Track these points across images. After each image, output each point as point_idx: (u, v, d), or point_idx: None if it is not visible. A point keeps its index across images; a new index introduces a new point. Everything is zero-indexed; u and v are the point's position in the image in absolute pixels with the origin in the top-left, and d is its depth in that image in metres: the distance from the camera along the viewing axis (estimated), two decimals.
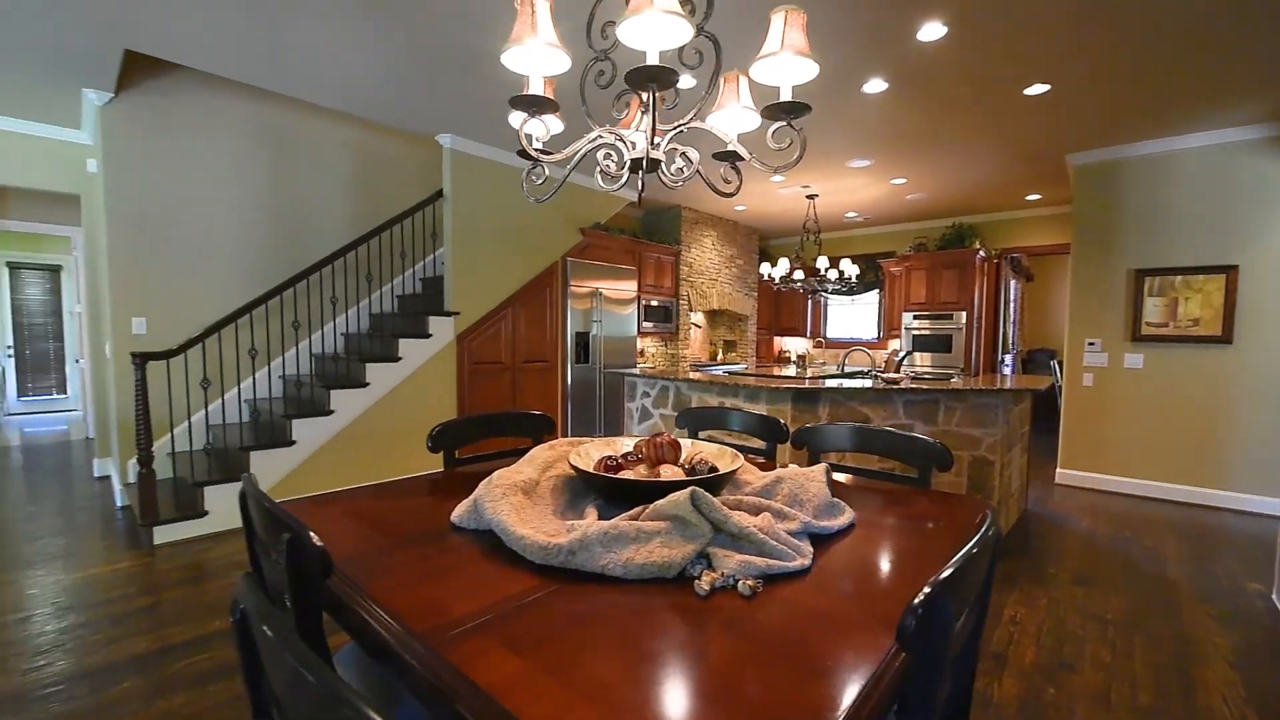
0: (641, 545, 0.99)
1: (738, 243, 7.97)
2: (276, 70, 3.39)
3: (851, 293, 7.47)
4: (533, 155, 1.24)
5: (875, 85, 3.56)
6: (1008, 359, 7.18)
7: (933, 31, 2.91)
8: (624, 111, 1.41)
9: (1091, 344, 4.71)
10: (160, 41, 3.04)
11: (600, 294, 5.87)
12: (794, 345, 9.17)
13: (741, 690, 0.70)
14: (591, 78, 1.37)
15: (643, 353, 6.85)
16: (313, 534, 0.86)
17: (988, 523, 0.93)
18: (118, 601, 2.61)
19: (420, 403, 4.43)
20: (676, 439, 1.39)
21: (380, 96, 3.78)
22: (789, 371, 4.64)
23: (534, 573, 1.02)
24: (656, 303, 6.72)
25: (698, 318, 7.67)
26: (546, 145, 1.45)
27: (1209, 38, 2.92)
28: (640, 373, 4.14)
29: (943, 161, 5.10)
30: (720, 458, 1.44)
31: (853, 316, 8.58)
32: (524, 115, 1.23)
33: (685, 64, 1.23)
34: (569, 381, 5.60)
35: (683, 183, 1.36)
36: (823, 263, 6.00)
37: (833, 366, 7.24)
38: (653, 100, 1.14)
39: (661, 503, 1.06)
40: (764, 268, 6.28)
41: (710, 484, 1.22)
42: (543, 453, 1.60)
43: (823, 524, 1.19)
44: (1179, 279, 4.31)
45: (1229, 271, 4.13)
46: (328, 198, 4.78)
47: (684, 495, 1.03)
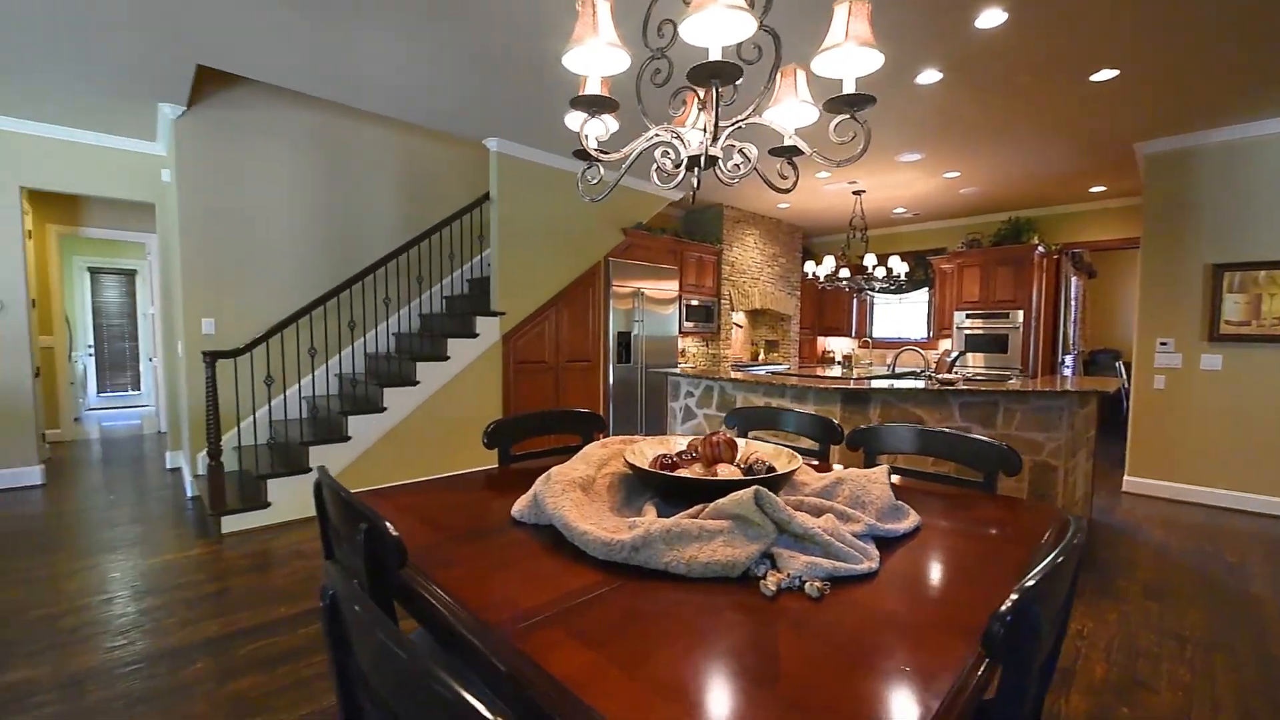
0: (704, 544, 0.98)
1: (780, 241, 7.86)
2: (335, 80, 3.52)
3: (900, 291, 7.26)
4: (592, 155, 1.25)
5: (929, 76, 3.45)
6: (1068, 360, 6.84)
7: (992, 18, 2.80)
8: (680, 109, 1.41)
9: (1163, 344, 4.44)
10: (229, 56, 3.21)
11: (642, 294, 5.88)
12: (838, 345, 8.98)
13: (821, 695, 0.69)
14: (648, 76, 1.37)
15: (684, 352, 6.83)
16: (389, 524, 0.89)
17: (1073, 530, 0.89)
18: (189, 586, 2.76)
19: (467, 401, 4.53)
20: (732, 438, 1.38)
21: (432, 103, 3.89)
22: (833, 372, 4.54)
23: (596, 568, 1.02)
24: (697, 302, 6.69)
25: (739, 317, 7.60)
26: (600, 146, 1.45)
27: None
28: (684, 372, 4.13)
29: (999, 154, 4.90)
30: (776, 457, 1.42)
31: (900, 316, 8.34)
32: (584, 115, 1.24)
33: (744, 59, 1.22)
34: (611, 381, 5.63)
35: (739, 179, 1.35)
36: (870, 260, 5.85)
37: (880, 367, 7.06)
38: (715, 96, 1.13)
39: (723, 501, 1.05)
40: (808, 266, 6.17)
41: (769, 484, 1.20)
42: (596, 450, 1.61)
43: (887, 527, 1.16)
44: (1263, 274, 4.02)
45: None
46: (378, 201, 4.94)
47: (747, 495, 1.02)
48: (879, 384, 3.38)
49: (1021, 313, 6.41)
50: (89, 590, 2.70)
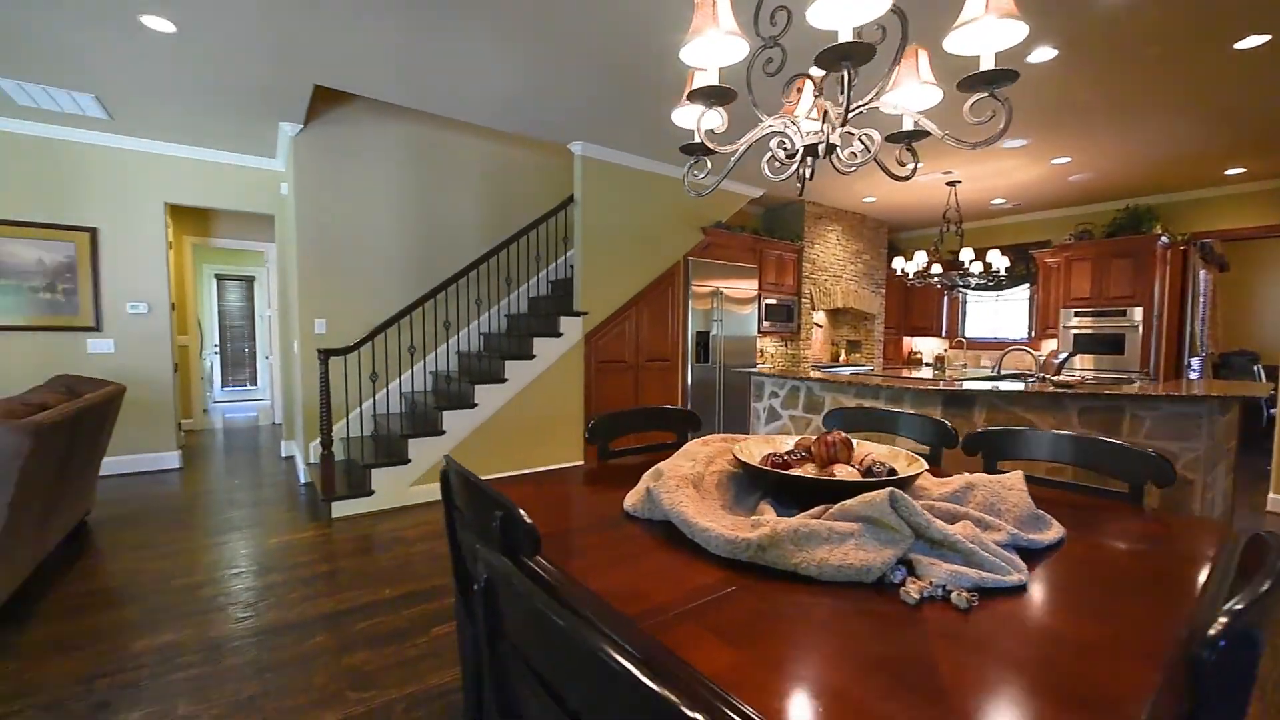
0: (835, 546, 0.94)
1: (864, 237, 7.54)
2: (435, 93, 3.72)
3: (998, 287, 6.80)
4: (708, 148, 1.24)
5: (1042, 54, 3.19)
6: (1194, 363, 6.13)
7: None
8: (793, 98, 1.37)
9: None
10: (343, 75, 3.45)
11: (721, 293, 5.81)
12: (926, 346, 8.51)
13: (995, 714, 0.64)
14: (759, 66, 1.34)
15: (762, 353, 6.70)
16: (522, 512, 0.91)
17: (1276, 553, 0.78)
18: (305, 566, 2.98)
19: (551, 398, 4.65)
20: (848, 438, 1.32)
21: (523, 111, 4.03)
22: (922, 374, 4.30)
23: (718, 565, 1.00)
24: (776, 301, 6.54)
25: (819, 317, 7.36)
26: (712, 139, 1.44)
27: None
28: (770, 371, 4.04)
29: (1118, 136, 4.47)
30: (894, 459, 1.35)
31: (995, 315, 7.79)
32: (700, 109, 1.23)
33: (868, 41, 1.16)
34: (689, 381, 5.60)
35: (856, 168, 1.29)
36: (966, 254, 5.50)
37: (974, 370, 6.63)
38: (848, 79, 1.08)
39: (851, 503, 1.00)
40: (897, 262, 5.89)
41: (886, 486, 1.14)
42: (699, 448, 1.60)
43: (1031, 537, 1.07)
44: None
45: None
46: (465, 206, 5.18)
47: (880, 497, 0.97)
48: (982, 385, 3.16)
49: (1140, 310, 5.81)
50: (221, 564, 2.98)
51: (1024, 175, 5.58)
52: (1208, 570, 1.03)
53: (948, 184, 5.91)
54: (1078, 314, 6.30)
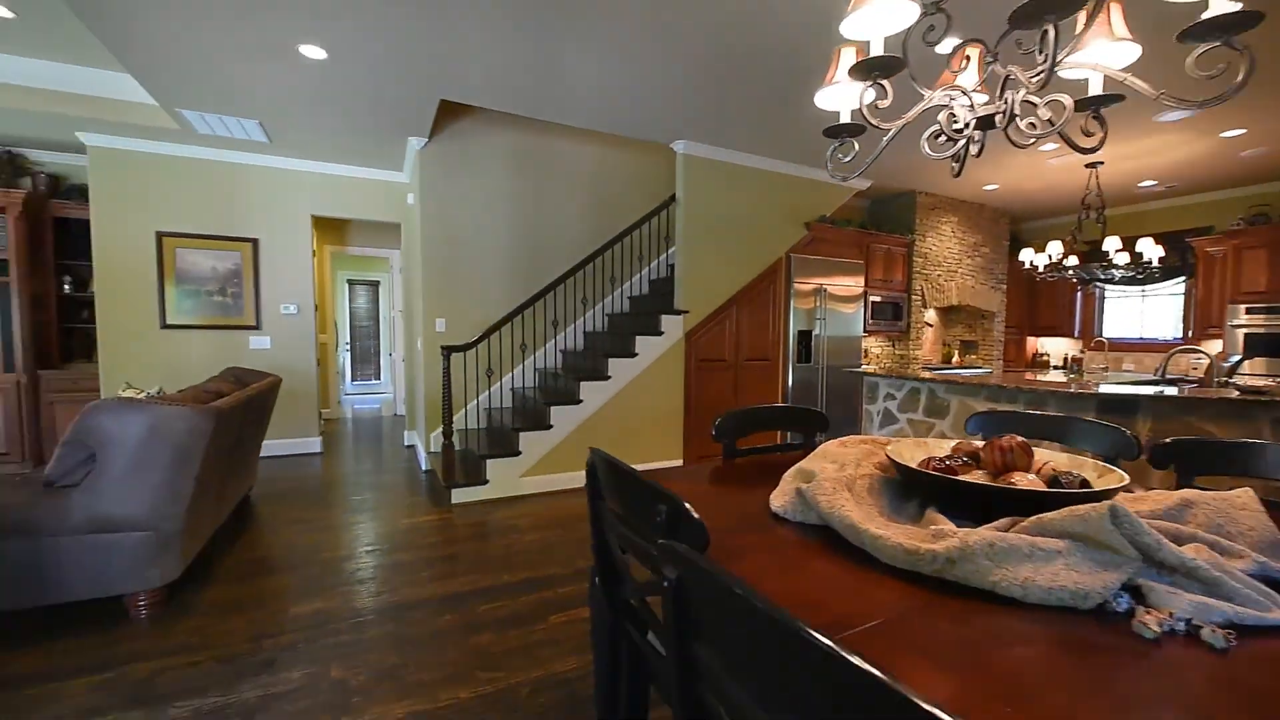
0: (1040, 565, 0.84)
1: (983, 228, 6.96)
2: (546, 100, 3.83)
3: (1148, 280, 6.03)
4: (864, 125, 1.16)
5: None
6: None
7: None
8: (956, 67, 1.25)
9: None
10: (466, 89, 3.64)
11: (824, 291, 5.58)
12: (1055, 347, 7.72)
13: None
14: (918, 36, 1.24)
15: (866, 353, 6.35)
16: (689, 506, 0.88)
17: None
18: (430, 547, 3.17)
19: (652, 395, 4.67)
20: (1026, 442, 1.19)
21: (624, 112, 4.06)
22: (1050, 378, 3.86)
23: (891, 576, 0.93)
24: (883, 298, 6.18)
25: (930, 315, 6.87)
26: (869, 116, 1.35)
27: None
28: (887, 372, 3.81)
29: None
30: (1080, 469, 1.19)
31: (1139, 312, 6.92)
32: (858, 85, 1.15)
33: None
34: (790, 381, 5.42)
35: (1037, 139, 1.16)
36: (1111, 244, 4.91)
37: (1114, 373, 5.91)
38: (1054, 36, 0.97)
39: (1053, 517, 0.89)
40: (1025, 254, 5.37)
41: (1082, 501, 1.00)
42: (837, 449, 1.51)
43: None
44: None
45: None
46: (568, 208, 5.32)
47: (1096, 511, 0.85)
48: (1146, 390, 2.78)
49: None
50: (360, 541, 3.23)
51: (1182, 152, 4.90)
52: None
53: (1088, 165, 5.30)
54: (1250, 310, 5.45)
